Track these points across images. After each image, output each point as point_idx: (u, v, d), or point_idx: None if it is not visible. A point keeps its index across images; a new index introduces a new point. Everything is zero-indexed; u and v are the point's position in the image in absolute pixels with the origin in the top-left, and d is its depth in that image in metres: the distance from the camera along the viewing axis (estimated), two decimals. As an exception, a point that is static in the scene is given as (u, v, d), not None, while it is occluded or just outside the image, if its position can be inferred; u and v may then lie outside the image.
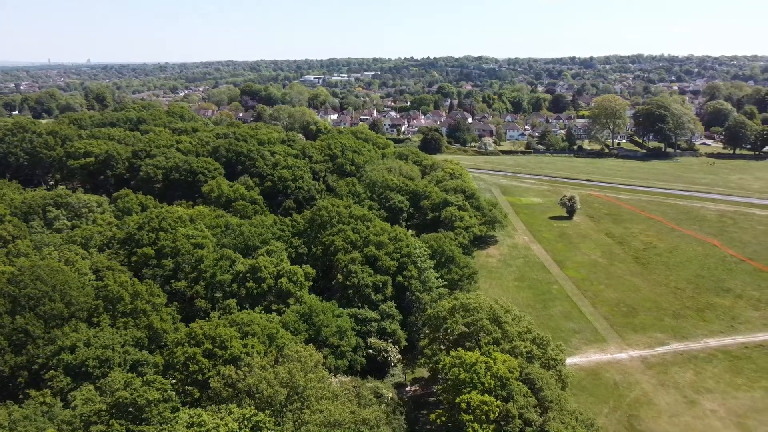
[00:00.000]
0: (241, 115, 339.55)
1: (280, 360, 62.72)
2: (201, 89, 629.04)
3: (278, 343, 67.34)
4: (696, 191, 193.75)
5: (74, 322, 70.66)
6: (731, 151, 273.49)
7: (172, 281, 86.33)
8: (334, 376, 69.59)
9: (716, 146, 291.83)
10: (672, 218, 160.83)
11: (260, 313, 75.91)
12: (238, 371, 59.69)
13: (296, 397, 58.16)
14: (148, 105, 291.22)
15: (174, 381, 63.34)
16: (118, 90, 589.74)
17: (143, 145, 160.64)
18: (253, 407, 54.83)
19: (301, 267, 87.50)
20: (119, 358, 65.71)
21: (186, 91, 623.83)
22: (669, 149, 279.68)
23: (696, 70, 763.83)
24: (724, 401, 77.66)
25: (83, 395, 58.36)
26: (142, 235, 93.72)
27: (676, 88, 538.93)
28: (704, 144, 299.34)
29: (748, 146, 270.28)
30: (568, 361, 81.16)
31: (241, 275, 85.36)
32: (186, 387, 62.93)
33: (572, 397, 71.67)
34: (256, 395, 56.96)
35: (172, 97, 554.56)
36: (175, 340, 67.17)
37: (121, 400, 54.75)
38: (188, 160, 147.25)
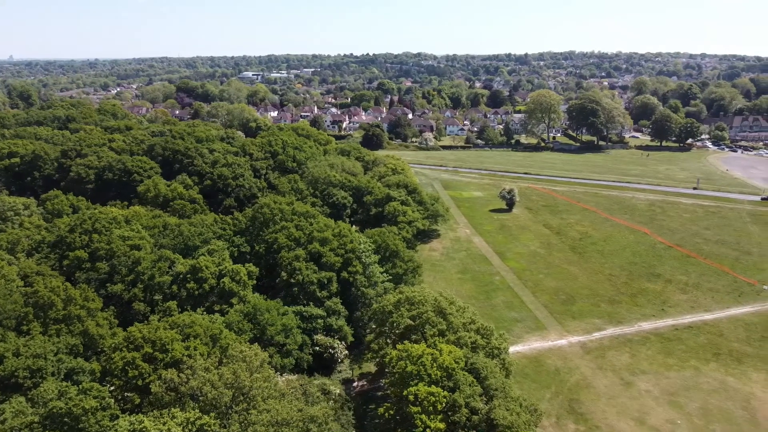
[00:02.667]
0: (177, 112, 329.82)
1: (225, 361, 61.50)
2: (134, 86, 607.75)
3: (222, 344, 66.02)
4: (627, 182, 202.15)
5: (1, 331, 66.96)
6: (658, 143, 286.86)
7: (108, 285, 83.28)
8: (281, 374, 68.84)
9: (644, 139, 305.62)
10: (605, 208, 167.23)
11: (202, 314, 74.23)
12: (181, 374, 58.16)
13: (242, 397, 57.17)
14: (78, 103, 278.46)
15: (112, 388, 61.27)
16: (44, 88, 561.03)
17: (73, 145, 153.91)
18: (197, 410, 53.60)
19: (243, 266, 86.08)
20: (52, 366, 62.67)
21: (118, 89, 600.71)
22: (601, 142, 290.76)
23: (624, 66, 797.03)
24: (658, 381, 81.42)
25: (13, 408, 55.32)
26: (74, 237, 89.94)
27: (606, 83, 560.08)
28: (633, 137, 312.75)
29: (674, 138, 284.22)
30: (512, 349, 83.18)
31: (181, 276, 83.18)
32: (125, 393, 61.02)
33: (516, 384, 73.56)
34: (200, 398, 55.68)
35: (104, 94, 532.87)
36: (113, 345, 64.85)
37: (55, 410, 52.35)
38: (122, 159, 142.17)
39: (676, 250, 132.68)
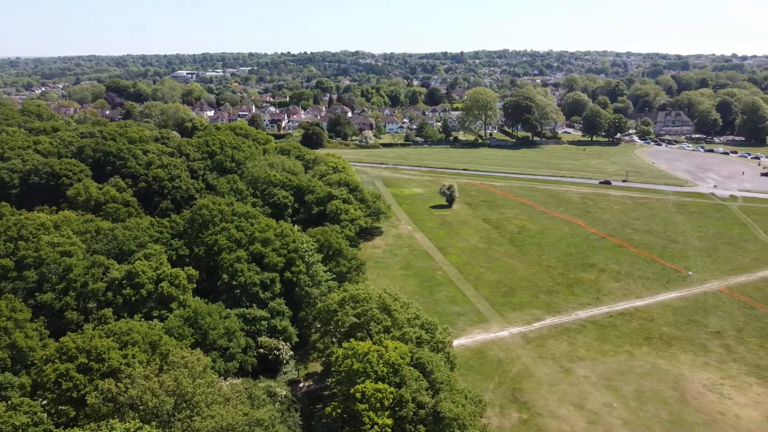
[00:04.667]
0: (108, 113, 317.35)
1: (165, 368, 59.63)
2: (60, 86, 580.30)
3: (162, 351, 64.00)
4: (561, 176, 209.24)
5: None
6: (589, 138, 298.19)
7: (37, 294, 79.20)
8: (225, 379, 67.37)
9: (576, 134, 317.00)
10: (541, 202, 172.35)
11: (140, 320, 71.72)
12: (119, 384, 55.99)
13: (185, 404, 55.62)
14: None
15: (45, 402, 58.44)
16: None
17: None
18: (137, 420, 51.72)
19: (183, 269, 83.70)
20: (-23, 383, 59.19)
21: (43, 89, 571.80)
22: (536, 138, 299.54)
23: (555, 64, 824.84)
24: (595, 367, 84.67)
25: (-65, 428, 51.95)
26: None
27: (539, 81, 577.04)
28: (566, 132, 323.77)
29: (603, 133, 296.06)
30: (455, 342, 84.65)
31: (116, 282, 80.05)
32: (59, 407, 58.25)
33: (461, 376, 74.92)
34: (140, 407, 53.80)
35: (27, 95, 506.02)
36: (44, 357, 61.76)
37: (-18, 428, 49.46)
38: (49, 162, 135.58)
39: (609, 240, 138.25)
